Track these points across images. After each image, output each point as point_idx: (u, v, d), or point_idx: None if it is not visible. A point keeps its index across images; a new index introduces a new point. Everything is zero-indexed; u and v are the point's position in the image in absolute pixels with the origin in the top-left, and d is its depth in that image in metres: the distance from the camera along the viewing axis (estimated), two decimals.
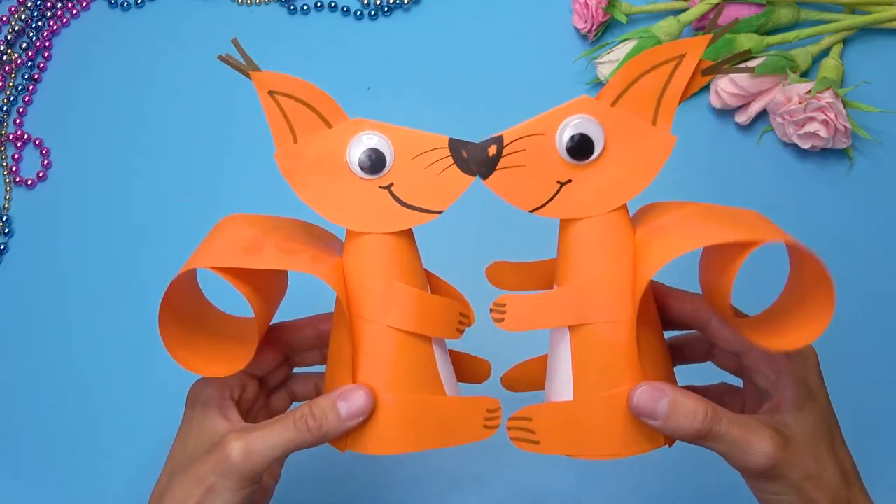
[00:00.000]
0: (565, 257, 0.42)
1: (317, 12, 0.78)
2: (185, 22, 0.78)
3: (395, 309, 0.42)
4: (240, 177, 0.71)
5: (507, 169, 0.40)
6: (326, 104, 0.42)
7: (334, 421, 0.41)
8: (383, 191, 0.42)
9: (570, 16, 0.74)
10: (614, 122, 0.39)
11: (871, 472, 0.59)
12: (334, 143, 0.42)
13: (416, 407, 0.42)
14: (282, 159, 0.43)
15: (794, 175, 0.68)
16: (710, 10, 0.69)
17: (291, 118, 0.42)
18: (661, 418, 0.38)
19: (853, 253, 0.65)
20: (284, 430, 0.41)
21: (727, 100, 0.68)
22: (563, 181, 0.40)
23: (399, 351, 0.42)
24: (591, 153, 0.39)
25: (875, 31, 0.72)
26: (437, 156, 0.41)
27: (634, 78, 0.39)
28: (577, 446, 0.41)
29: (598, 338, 0.40)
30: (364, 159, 0.41)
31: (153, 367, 0.65)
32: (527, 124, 0.40)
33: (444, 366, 0.44)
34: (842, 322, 0.63)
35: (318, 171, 0.42)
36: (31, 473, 0.63)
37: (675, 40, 0.37)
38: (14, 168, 0.73)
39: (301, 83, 0.42)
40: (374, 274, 0.42)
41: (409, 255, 0.43)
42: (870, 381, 0.61)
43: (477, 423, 0.43)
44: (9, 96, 0.76)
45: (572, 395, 0.41)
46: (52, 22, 0.78)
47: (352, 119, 0.42)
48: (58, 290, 0.68)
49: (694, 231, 0.38)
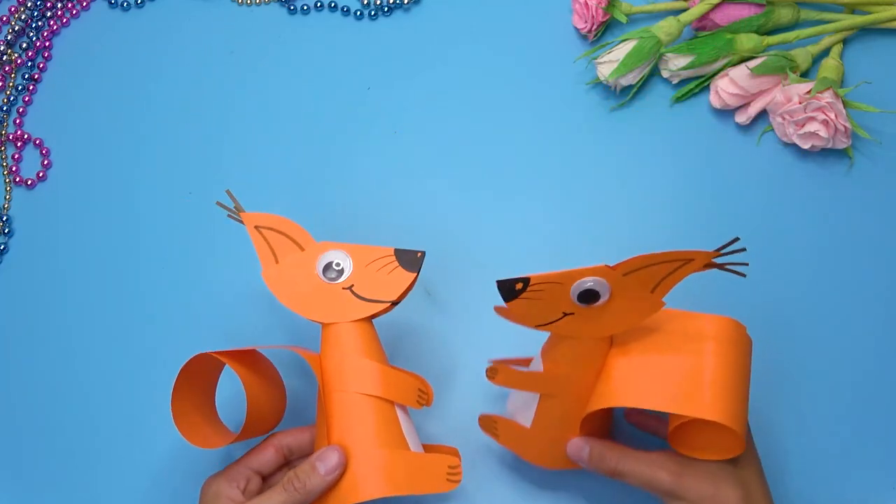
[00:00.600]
0: (549, 355, 0.52)
1: (317, 12, 0.78)
2: (185, 22, 0.78)
3: (361, 378, 0.52)
4: (240, 177, 0.71)
5: (525, 300, 0.48)
6: (298, 232, 0.55)
7: (316, 479, 0.50)
8: (346, 291, 0.54)
9: (570, 16, 0.74)
10: (621, 286, 0.47)
11: (872, 472, 0.59)
12: (306, 261, 0.55)
13: (385, 458, 0.51)
14: (268, 275, 0.55)
15: (794, 175, 0.68)
16: (711, 10, 0.69)
17: (273, 244, 0.55)
18: (584, 462, 0.52)
19: (853, 253, 0.65)
20: (276, 494, 0.50)
21: (727, 100, 0.68)
22: (568, 312, 0.48)
23: (367, 412, 0.52)
24: (596, 300, 0.47)
25: (875, 31, 0.72)
26: (385, 261, 0.54)
27: (649, 264, 0.46)
28: (522, 452, 0.56)
29: (558, 404, 0.53)
30: (329, 270, 0.55)
31: (153, 367, 0.65)
32: (552, 275, 0.47)
33: (406, 427, 0.54)
34: (842, 322, 0.63)
35: (295, 282, 0.54)
36: (31, 473, 0.63)
37: (688, 250, 0.45)
38: (14, 168, 0.73)
39: (278, 219, 0.55)
40: (344, 353, 0.53)
41: (371, 338, 0.54)
42: (870, 380, 0.61)
43: (440, 477, 0.53)
44: (9, 96, 0.76)
45: (530, 425, 0.54)
46: (52, 22, 0.78)
47: (318, 242, 0.55)
48: (58, 290, 0.68)
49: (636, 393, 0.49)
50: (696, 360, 0.48)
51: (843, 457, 0.59)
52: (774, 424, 0.60)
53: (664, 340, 0.50)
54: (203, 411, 0.55)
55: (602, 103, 0.71)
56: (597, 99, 0.71)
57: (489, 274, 0.50)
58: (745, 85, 0.67)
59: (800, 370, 0.61)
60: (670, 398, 0.48)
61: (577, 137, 0.70)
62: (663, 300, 0.47)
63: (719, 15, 0.70)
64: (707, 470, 0.49)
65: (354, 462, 0.51)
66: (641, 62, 0.68)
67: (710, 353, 0.48)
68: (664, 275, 0.46)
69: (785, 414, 0.60)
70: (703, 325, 0.49)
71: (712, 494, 0.48)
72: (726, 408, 0.47)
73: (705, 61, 0.68)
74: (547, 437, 0.54)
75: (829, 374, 0.62)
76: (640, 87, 0.71)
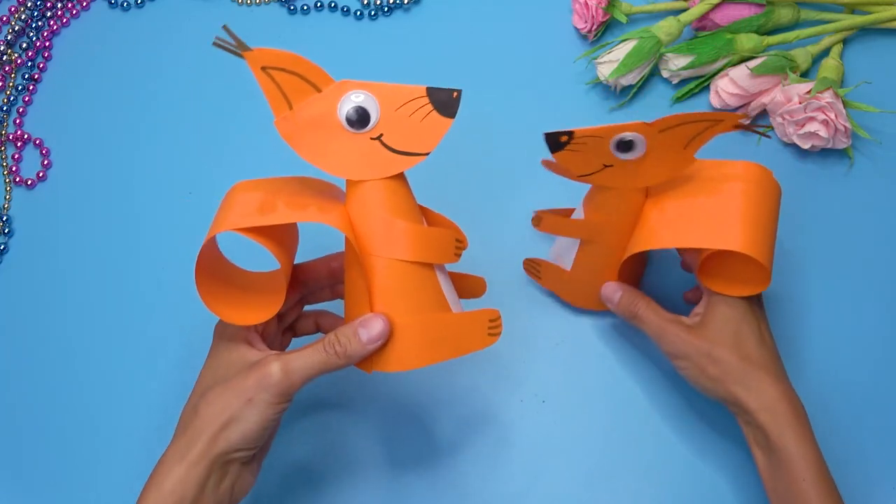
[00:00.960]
0: (591, 203, 0.56)
1: (317, 12, 0.78)
2: (185, 22, 0.78)
3: (398, 244, 0.48)
4: (240, 176, 0.71)
5: (569, 151, 0.50)
6: (314, 72, 0.47)
7: (357, 345, 0.48)
8: (374, 142, 0.47)
9: (570, 16, 0.74)
10: (656, 140, 0.50)
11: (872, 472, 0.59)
12: (325, 105, 0.47)
13: (428, 325, 0.49)
14: (281, 125, 0.47)
15: (794, 175, 0.68)
16: (711, 10, 0.69)
17: (284, 88, 0.47)
18: (613, 303, 0.58)
19: (853, 253, 0.65)
20: (316, 353, 0.48)
21: (727, 99, 0.68)
22: (608, 164, 0.51)
23: (406, 279, 0.49)
24: (632, 150, 0.50)
25: (875, 31, 0.72)
26: (417, 104, 0.47)
27: (682, 122, 0.49)
28: (560, 292, 0.63)
29: (596, 250, 0.58)
30: (352, 116, 0.47)
31: (153, 367, 0.65)
32: (594, 129, 0.49)
33: (446, 287, 0.51)
34: (843, 322, 0.63)
35: (314, 132, 0.47)
36: (30, 473, 0.63)
37: (718, 112, 0.49)
38: (14, 168, 0.73)
39: (289, 56, 0.46)
40: (376, 216, 0.48)
41: (404, 196, 0.49)
42: (870, 380, 0.61)
43: (482, 333, 0.50)
44: (9, 96, 0.76)
45: (570, 268, 0.60)
46: (52, 22, 0.78)
47: (337, 81, 0.47)
48: (58, 290, 0.68)
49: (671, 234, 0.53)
50: (725, 198, 0.52)
51: (843, 456, 0.59)
52: None
53: (695, 187, 0.53)
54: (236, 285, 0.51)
55: (602, 103, 0.71)
56: (597, 99, 0.71)
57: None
58: (745, 85, 0.67)
59: (800, 370, 0.61)
60: (701, 235, 0.51)
61: None
62: (694, 156, 0.51)
63: (719, 15, 0.70)
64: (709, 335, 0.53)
65: (397, 330, 0.49)
66: (641, 62, 0.68)
67: (738, 192, 0.52)
68: (696, 133, 0.49)
69: None
70: (731, 169, 0.54)
71: (712, 354, 0.53)
72: (753, 241, 0.50)
73: (705, 61, 0.68)
74: (584, 280, 0.60)
75: (829, 374, 0.62)
76: (640, 87, 0.71)
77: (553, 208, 0.65)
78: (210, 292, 0.49)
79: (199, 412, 0.48)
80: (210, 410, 0.48)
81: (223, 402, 0.48)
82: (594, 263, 0.59)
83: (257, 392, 0.47)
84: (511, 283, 0.65)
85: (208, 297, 0.49)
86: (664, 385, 0.61)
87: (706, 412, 0.60)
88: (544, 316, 0.64)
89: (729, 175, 0.53)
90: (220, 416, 0.47)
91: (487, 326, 0.50)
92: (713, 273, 0.54)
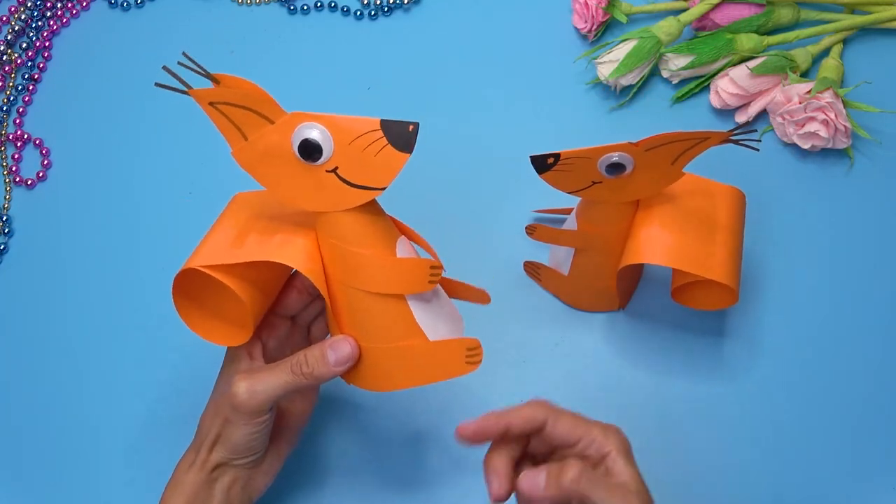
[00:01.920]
0: (583, 214, 0.58)
1: (317, 12, 0.78)
2: (185, 22, 0.78)
3: (361, 275, 0.47)
4: (239, 176, 0.70)
5: (556, 172, 0.52)
6: (264, 103, 0.45)
7: (324, 368, 0.48)
8: (330, 174, 0.46)
9: (570, 16, 0.74)
10: (643, 159, 0.51)
11: (872, 472, 0.59)
12: (278, 137, 0.46)
13: (398, 353, 0.49)
14: (239, 156, 0.47)
15: (794, 175, 0.68)
16: (711, 10, 0.69)
17: (236, 121, 0.46)
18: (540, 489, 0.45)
19: (853, 253, 0.65)
20: (282, 374, 0.48)
21: (727, 100, 0.68)
22: (596, 181, 0.53)
23: (374, 309, 0.48)
24: (622, 172, 0.52)
25: (875, 31, 0.72)
26: (372, 138, 0.45)
27: (668, 141, 0.50)
28: (559, 294, 0.64)
29: (590, 257, 0.59)
30: (304, 149, 0.45)
31: (153, 367, 0.65)
32: (580, 151, 0.51)
33: (423, 312, 0.49)
34: (842, 322, 0.63)
35: (270, 163, 0.46)
36: (30, 473, 0.63)
37: (704, 130, 0.49)
38: (14, 168, 0.73)
39: (236, 91, 0.45)
40: (337, 247, 0.47)
41: (369, 224, 0.48)
42: (870, 380, 0.61)
43: (459, 360, 0.49)
44: (9, 96, 0.76)
45: (567, 273, 0.61)
46: (52, 22, 0.78)
47: (289, 113, 0.45)
48: (58, 290, 0.68)
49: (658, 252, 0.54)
50: (707, 224, 0.55)
51: (840, 457, 0.59)
52: (770, 425, 0.60)
53: (681, 206, 0.55)
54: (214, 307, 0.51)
55: (602, 103, 0.71)
56: (597, 99, 0.71)
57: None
58: (745, 85, 0.67)
59: (799, 370, 0.61)
60: (683, 258, 0.53)
61: (578, 137, 0.69)
62: (682, 171, 0.52)
63: (719, 15, 0.70)
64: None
65: (368, 355, 0.49)
66: (641, 62, 0.68)
67: (720, 218, 0.55)
68: (683, 150, 0.50)
69: (781, 415, 0.60)
70: (713, 186, 0.57)
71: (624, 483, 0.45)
72: (731, 270, 0.54)
73: (705, 61, 0.68)
74: (581, 284, 0.62)
75: (829, 374, 0.62)
76: (640, 87, 0.71)
77: (552, 208, 0.65)
78: (188, 313, 0.50)
79: (200, 424, 0.52)
80: (205, 425, 0.51)
81: (209, 419, 0.51)
82: (590, 269, 0.60)
83: (230, 412, 0.49)
84: (511, 283, 0.65)
85: (187, 316, 0.50)
86: (664, 385, 0.61)
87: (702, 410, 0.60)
88: (544, 316, 0.64)
89: (714, 195, 0.56)
90: (211, 430, 0.50)
91: (465, 355, 0.49)
92: (685, 288, 0.58)
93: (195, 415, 0.52)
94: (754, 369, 0.61)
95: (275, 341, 0.54)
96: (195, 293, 0.50)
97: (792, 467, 0.59)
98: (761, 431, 0.60)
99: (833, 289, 0.64)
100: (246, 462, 0.51)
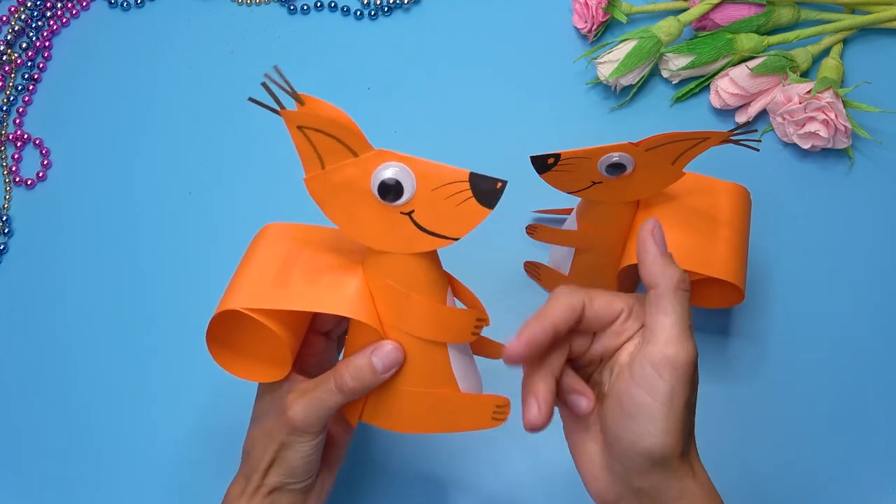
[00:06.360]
0: (583, 214, 0.58)
1: (317, 12, 0.78)
2: (185, 22, 0.78)
3: (411, 320, 0.47)
4: (239, 176, 0.71)
5: (556, 172, 0.52)
6: (352, 136, 0.44)
7: (372, 376, 0.47)
8: (404, 217, 0.45)
9: (570, 16, 0.74)
10: (643, 158, 0.51)
11: (872, 472, 0.59)
12: (359, 171, 0.44)
13: (427, 400, 0.48)
14: (311, 183, 0.45)
15: (794, 175, 0.68)
16: (711, 10, 0.69)
17: (319, 148, 0.44)
18: None
19: (853, 253, 0.65)
20: (331, 390, 0.47)
21: (727, 100, 0.68)
22: (596, 181, 0.53)
23: (415, 353, 0.48)
24: (622, 172, 0.51)
25: (875, 31, 0.72)
26: (456, 188, 0.44)
27: (669, 141, 0.49)
28: None
29: (591, 257, 0.60)
30: (385, 187, 0.44)
31: (153, 367, 0.65)
32: (580, 151, 0.51)
33: (459, 362, 0.49)
34: (842, 321, 0.63)
35: (344, 195, 0.45)
36: (31, 473, 0.63)
37: (705, 130, 0.49)
38: (14, 168, 0.73)
39: (329, 118, 0.43)
40: (392, 289, 0.46)
41: (426, 270, 0.46)
42: (871, 380, 0.61)
43: (486, 415, 0.49)
44: (9, 96, 0.76)
45: (567, 273, 0.61)
46: (52, 22, 0.78)
47: (376, 150, 0.44)
48: (58, 290, 0.68)
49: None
50: (711, 222, 0.54)
51: (843, 457, 0.59)
52: (774, 425, 0.60)
53: (683, 205, 0.55)
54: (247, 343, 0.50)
55: (602, 103, 0.71)
56: (597, 99, 0.71)
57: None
58: (746, 85, 0.67)
59: (799, 370, 0.61)
60: (688, 257, 0.52)
61: (577, 137, 0.70)
62: (682, 171, 0.52)
63: (719, 15, 0.70)
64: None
65: (399, 397, 0.48)
66: (641, 62, 0.68)
67: (723, 217, 0.55)
68: (683, 150, 0.50)
69: (784, 414, 0.60)
70: (715, 184, 0.56)
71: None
72: (736, 268, 0.54)
73: (705, 61, 0.68)
74: (581, 285, 0.59)
75: (829, 374, 0.62)
76: (640, 87, 0.71)
77: (552, 208, 0.65)
78: (221, 354, 0.49)
79: (249, 451, 0.50)
80: (256, 452, 0.49)
81: (262, 446, 0.49)
82: (591, 269, 0.60)
83: (286, 435, 0.48)
84: (511, 283, 0.65)
85: (220, 358, 0.49)
86: None
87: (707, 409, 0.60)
88: None
89: (716, 193, 0.56)
90: (265, 456, 0.49)
91: (493, 411, 0.49)
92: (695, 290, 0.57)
93: (195, 415, 0.52)
94: (758, 369, 0.61)
95: (314, 357, 0.53)
96: (226, 331, 0.49)
97: (798, 467, 0.59)
98: (767, 431, 0.60)
99: (833, 288, 0.64)
100: (302, 486, 0.50)
